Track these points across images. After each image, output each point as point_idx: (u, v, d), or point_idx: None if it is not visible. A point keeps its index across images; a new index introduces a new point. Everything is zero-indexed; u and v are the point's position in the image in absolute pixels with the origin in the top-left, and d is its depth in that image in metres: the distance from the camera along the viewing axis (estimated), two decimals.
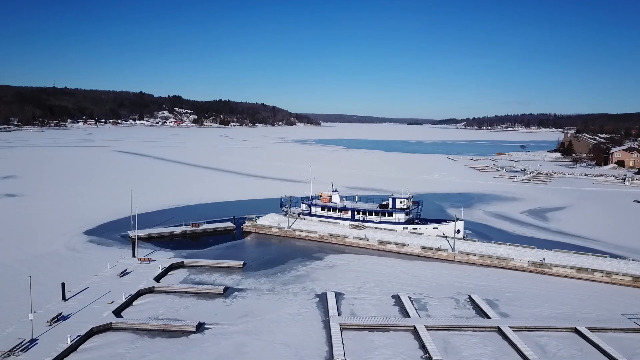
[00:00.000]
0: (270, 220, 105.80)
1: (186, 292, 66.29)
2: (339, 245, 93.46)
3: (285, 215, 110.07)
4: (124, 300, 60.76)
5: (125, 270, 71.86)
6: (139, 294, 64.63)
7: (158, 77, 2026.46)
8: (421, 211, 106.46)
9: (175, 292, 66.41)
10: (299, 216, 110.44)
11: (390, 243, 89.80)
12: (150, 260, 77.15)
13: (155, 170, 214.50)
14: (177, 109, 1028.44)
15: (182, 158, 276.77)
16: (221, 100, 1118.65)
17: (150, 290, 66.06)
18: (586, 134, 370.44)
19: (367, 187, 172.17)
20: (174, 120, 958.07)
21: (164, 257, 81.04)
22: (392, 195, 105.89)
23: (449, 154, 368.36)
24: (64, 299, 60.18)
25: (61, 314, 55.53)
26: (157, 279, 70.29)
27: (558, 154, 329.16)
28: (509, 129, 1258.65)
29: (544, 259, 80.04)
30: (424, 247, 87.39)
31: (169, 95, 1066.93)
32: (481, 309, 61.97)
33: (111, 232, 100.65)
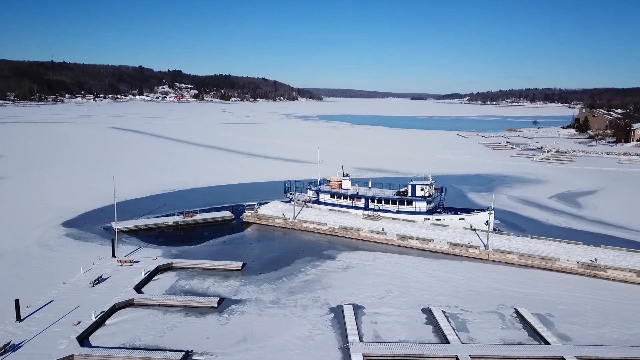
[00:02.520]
0: (274, 209, 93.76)
1: (172, 306, 54.51)
2: (352, 240, 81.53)
3: (290, 202, 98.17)
4: (93, 319, 49.03)
5: (101, 276, 60.00)
6: (115, 309, 52.90)
7: (158, 51, 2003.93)
8: (444, 199, 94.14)
9: (159, 305, 54.63)
10: (305, 204, 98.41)
11: (412, 238, 77.76)
12: (132, 262, 65.32)
13: (150, 149, 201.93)
14: (177, 83, 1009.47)
15: (180, 135, 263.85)
16: (222, 74, 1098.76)
17: (129, 304, 54.31)
18: (601, 109, 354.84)
19: (377, 168, 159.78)
20: (174, 95, 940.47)
21: (150, 256, 69.30)
22: (411, 180, 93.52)
23: (457, 130, 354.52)
24: (18, 319, 48.48)
25: (10, 343, 43.89)
26: (139, 287, 58.52)
27: (573, 130, 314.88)
28: (514, 104, 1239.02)
29: (596, 259, 67.98)
30: (452, 244, 75.35)
31: (168, 70, 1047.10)
32: (534, 329, 50.17)
33: (93, 223, 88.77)
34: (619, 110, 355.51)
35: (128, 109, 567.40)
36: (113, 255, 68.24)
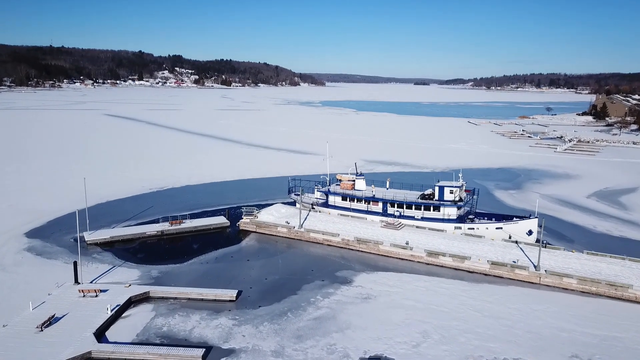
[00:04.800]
0: (276, 215, 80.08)
1: None
2: (370, 255, 67.94)
3: (295, 205, 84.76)
4: None
5: (54, 315, 46.57)
6: None
7: (158, 35, 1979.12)
8: (477, 203, 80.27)
9: None
10: (313, 207, 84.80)
11: (444, 255, 64.12)
12: (97, 292, 51.83)
13: (143, 139, 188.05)
14: (177, 69, 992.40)
15: (177, 123, 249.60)
16: (223, 59, 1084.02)
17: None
18: (618, 95, 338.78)
19: (388, 161, 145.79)
20: (175, 80, 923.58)
21: (123, 281, 55.99)
22: (437, 181, 79.45)
23: (467, 117, 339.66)
24: None
25: None
26: (102, 331, 45.20)
27: (590, 117, 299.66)
28: (519, 89, 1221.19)
29: None
30: (493, 263, 61.68)
31: (169, 55, 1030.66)
32: None
33: (63, 231, 75.39)
34: (637, 96, 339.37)
35: (126, 95, 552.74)
36: (76, 281, 54.75)
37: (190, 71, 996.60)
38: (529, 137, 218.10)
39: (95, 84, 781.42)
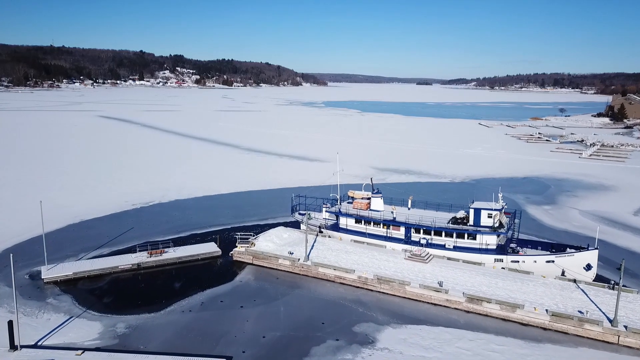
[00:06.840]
0: (277, 242, 66.79)
1: None
2: (394, 298, 54.53)
3: (299, 227, 71.69)
4: None
5: None
6: None
7: (159, 35, 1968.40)
8: (519, 228, 66.78)
9: None
10: (320, 231, 71.54)
11: (488, 301, 50.65)
12: None
13: (134, 145, 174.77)
14: (178, 68, 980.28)
15: (174, 125, 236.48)
16: (224, 59, 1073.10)
17: None
18: (634, 95, 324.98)
19: (402, 169, 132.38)
20: (175, 80, 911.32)
21: (78, 341, 42.86)
22: (472, 202, 65.81)
23: (476, 118, 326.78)
24: None
25: None
26: None
27: (606, 119, 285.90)
28: (523, 89, 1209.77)
29: None
30: (554, 315, 48.21)
31: (170, 55, 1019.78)
32: None
33: (20, 263, 61.26)
34: None
35: (125, 95, 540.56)
36: (12, 346, 41.51)
37: (191, 71, 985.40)
38: (547, 140, 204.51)
39: (95, 84, 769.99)
